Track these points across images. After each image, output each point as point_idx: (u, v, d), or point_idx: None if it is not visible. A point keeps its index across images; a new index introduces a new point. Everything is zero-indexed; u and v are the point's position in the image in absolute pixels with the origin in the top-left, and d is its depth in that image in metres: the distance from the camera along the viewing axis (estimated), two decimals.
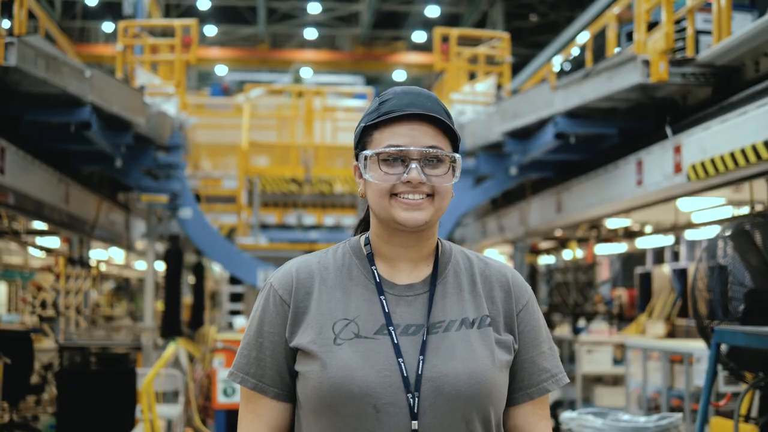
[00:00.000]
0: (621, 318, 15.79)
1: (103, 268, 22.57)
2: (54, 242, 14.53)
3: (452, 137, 2.04)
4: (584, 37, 11.01)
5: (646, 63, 8.00)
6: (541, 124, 9.91)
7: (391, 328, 1.98)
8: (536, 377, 2.08)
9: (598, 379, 12.46)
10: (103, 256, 19.36)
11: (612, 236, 13.73)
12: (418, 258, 2.08)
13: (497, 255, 17.83)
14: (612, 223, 12.66)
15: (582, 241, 14.52)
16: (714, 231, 10.01)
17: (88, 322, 13.01)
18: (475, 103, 11.88)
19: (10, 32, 7.85)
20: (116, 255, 19.75)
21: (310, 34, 32.40)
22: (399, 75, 33.83)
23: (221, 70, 32.57)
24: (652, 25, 8.44)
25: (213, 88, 23.71)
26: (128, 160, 10.68)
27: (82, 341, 11.13)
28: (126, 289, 28.67)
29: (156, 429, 7.50)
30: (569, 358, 13.01)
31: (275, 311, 2.04)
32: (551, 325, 14.48)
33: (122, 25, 11.88)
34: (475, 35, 15.27)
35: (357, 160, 2.07)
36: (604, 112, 9.40)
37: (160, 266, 14.08)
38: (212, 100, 20.03)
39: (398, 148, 1.98)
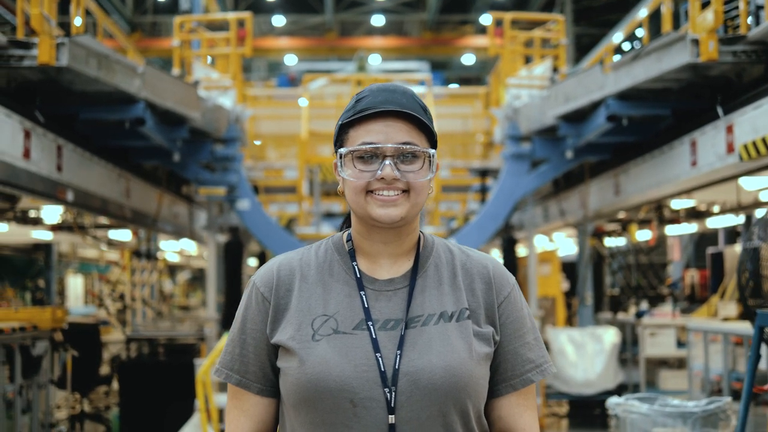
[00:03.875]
0: (692, 299, 15.56)
1: (176, 259, 23.02)
2: (126, 236, 14.82)
3: (429, 133, 2.05)
4: (643, 15, 10.84)
5: (696, 42, 7.83)
6: (593, 107, 9.79)
7: (370, 323, 1.99)
8: (520, 368, 2.08)
9: (663, 363, 12.32)
10: (174, 247, 19.70)
11: (676, 217, 13.52)
12: (399, 253, 2.09)
13: (563, 239, 17.66)
14: (675, 204, 12.46)
15: (644, 223, 14.32)
16: None
17: (155, 314, 13.26)
18: (531, 87, 11.76)
19: (66, 32, 8.02)
20: (188, 246, 20.04)
21: (378, 20, 32.45)
22: (467, 59, 33.63)
23: (291, 60, 32.79)
24: (707, 4, 8.25)
25: (279, 78, 23.90)
26: (185, 153, 10.83)
27: (147, 333, 11.40)
28: (201, 279, 29.21)
29: (213, 418, 7.62)
30: (632, 342, 12.87)
31: (257, 309, 2.08)
32: (618, 308, 14.34)
33: (178, 21, 12.03)
34: (531, 18, 15.14)
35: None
36: (657, 92, 9.21)
37: None
38: (278, 90, 20.14)
39: (372, 145, 1.99)
